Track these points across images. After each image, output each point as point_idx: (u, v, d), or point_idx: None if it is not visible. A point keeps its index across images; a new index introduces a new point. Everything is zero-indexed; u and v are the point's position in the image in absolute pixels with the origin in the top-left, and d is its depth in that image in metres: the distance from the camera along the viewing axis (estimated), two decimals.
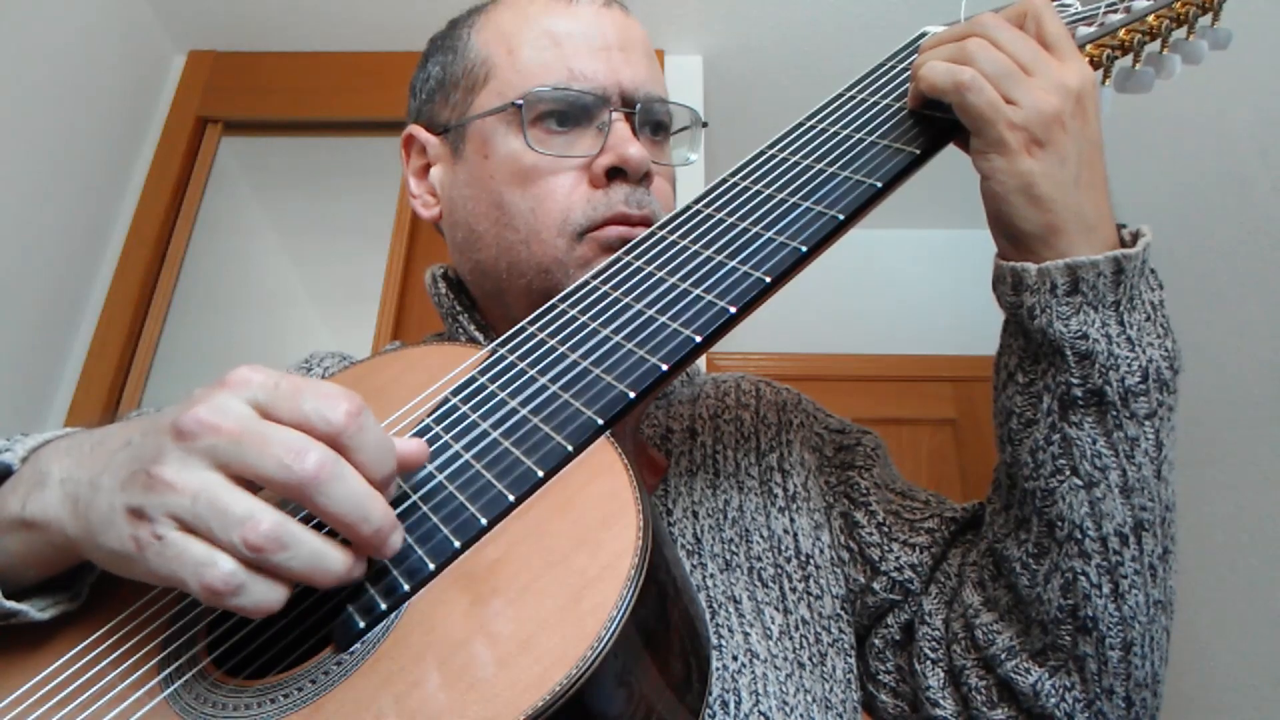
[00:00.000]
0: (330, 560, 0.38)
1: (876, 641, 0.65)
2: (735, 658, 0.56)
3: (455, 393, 0.50)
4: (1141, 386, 0.51)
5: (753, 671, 0.55)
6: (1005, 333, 0.56)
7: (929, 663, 0.61)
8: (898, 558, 0.64)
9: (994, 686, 0.58)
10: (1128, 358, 0.51)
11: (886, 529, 0.65)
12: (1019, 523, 0.56)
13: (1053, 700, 0.54)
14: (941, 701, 0.60)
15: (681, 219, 0.56)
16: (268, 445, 0.37)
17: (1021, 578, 0.55)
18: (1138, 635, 0.53)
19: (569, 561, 0.39)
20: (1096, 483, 0.52)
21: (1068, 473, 0.52)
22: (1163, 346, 0.52)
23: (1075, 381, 0.51)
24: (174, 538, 0.37)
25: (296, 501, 0.38)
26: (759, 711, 0.54)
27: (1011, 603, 0.57)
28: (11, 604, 0.43)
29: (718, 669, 0.55)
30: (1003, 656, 0.56)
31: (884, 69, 0.62)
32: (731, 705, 0.54)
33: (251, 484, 0.38)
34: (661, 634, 0.40)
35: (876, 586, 0.64)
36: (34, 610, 0.43)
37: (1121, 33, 0.57)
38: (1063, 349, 0.51)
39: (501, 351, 0.52)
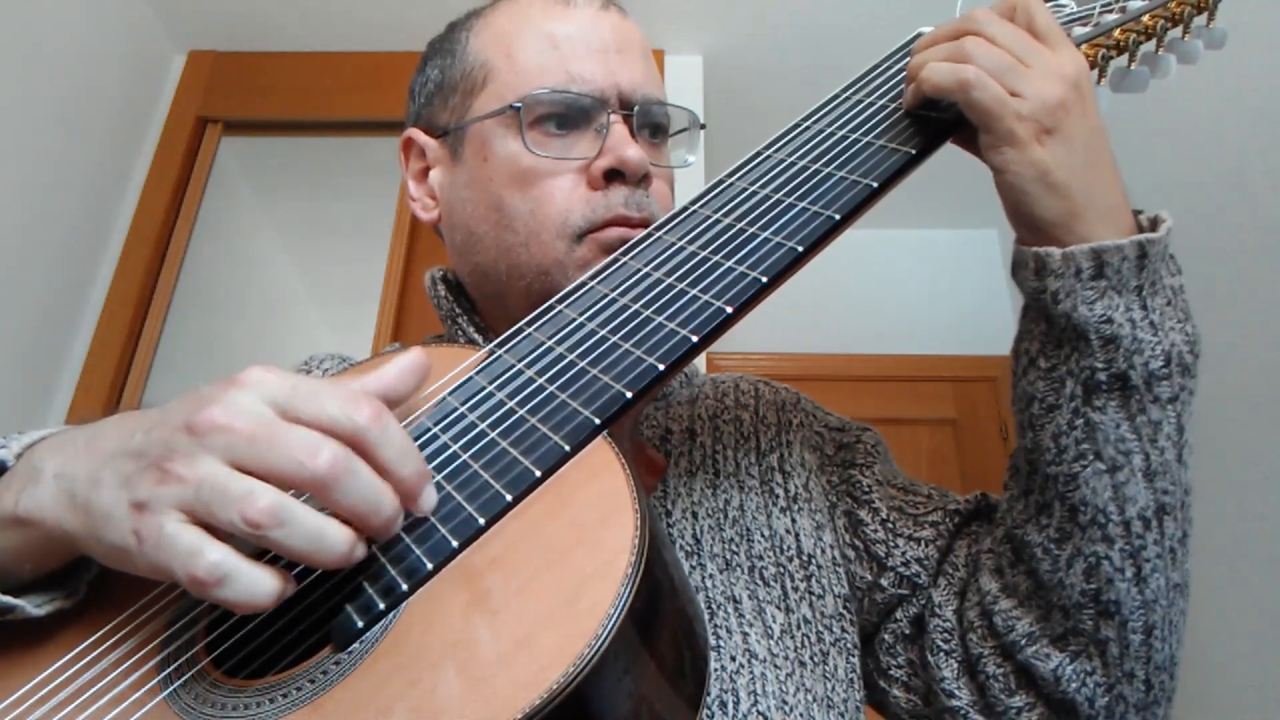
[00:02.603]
0: (331, 538, 0.38)
1: (886, 637, 0.65)
2: (733, 658, 0.56)
3: (453, 393, 0.50)
4: (1164, 370, 0.51)
5: (751, 672, 0.56)
6: (1025, 319, 0.56)
7: (942, 654, 0.61)
8: (904, 553, 0.64)
9: (1012, 674, 0.58)
10: (1151, 342, 0.51)
11: (891, 525, 0.65)
12: (1040, 508, 0.56)
13: (1074, 685, 0.55)
14: (957, 692, 0.60)
15: (678, 220, 0.56)
16: (282, 443, 0.37)
17: (1043, 563, 0.55)
18: (1159, 618, 0.53)
19: (566, 560, 0.39)
20: (1120, 467, 0.52)
21: (1091, 457, 0.52)
22: (1183, 331, 0.52)
23: (1099, 366, 0.51)
24: (170, 529, 0.37)
25: (312, 496, 0.38)
26: (757, 711, 0.54)
27: (1031, 588, 0.57)
28: (7, 599, 0.43)
29: (716, 670, 0.55)
30: (1022, 642, 0.56)
31: (880, 70, 0.62)
32: (730, 705, 0.54)
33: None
34: (659, 632, 0.40)
35: (884, 582, 0.64)
36: (30, 606, 0.43)
37: (1117, 32, 0.57)
38: (1087, 333, 0.51)
39: (499, 352, 0.52)
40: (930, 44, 0.56)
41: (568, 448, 0.44)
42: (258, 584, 0.37)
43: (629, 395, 0.46)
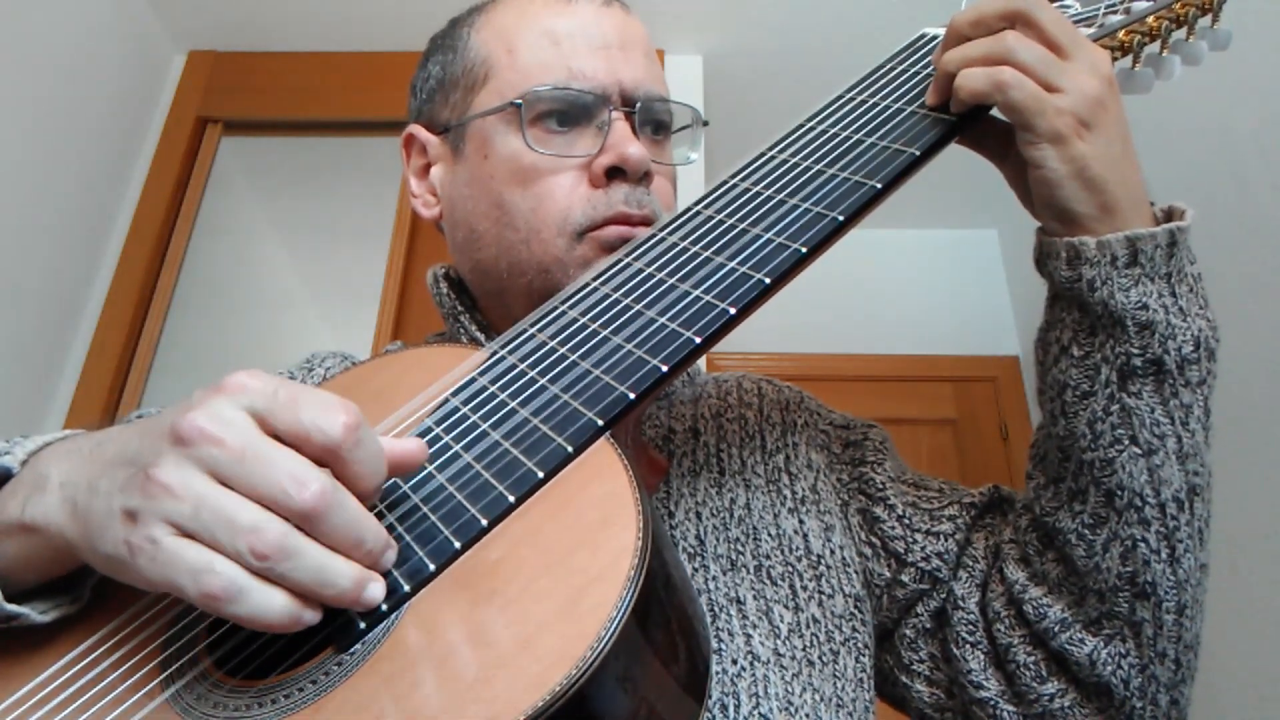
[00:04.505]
0: (335, 573, 0.37)
1: (907, 632, 0.65)
2: (735, 661, 0.56)
3: (456, 394, 0.50)
4: (1194, 355, 0.53)
5: (753, 674, 0.55)
6: (1054, 308, 0.57)
7: (967, 646, 0.61)
8: (923, 548, 0.65)
9: (1043, 661, 0.58)
10: (1182, 327, 0.52)
11: (907, 521, 0.66)
12: (1073, 494, 0.56)
13: (1109, 668, 0.55)
14: (985, 683, 0.60)
15: (681, 220, 0.56)
16: (270, 469, 0.37)
17: (1077, 548, 0.56)
18: (1189, 598, 0.55)
19: (569, 562, 0.39)
20: (1155, 450, 0.53)
21: (1127, 442, 0.53)
22: (1205, 316, 0.54)
23: (1135, 352, 0.52)
24: (169, 543, 0.36)
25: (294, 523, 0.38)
26: (759, 714, 0.54)
27: (1062, 575, 0.57)
28: (12, 607, 0.43)
29: (717, 673, 0.55)
30: (1055, 629, 0.57)
31: (884, 70, 0.62)
32: (731, 709, 0.54)
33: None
34: (662, 634, 0.40)
35: (905, 578, 0.65)
36: (35, 613, 0.43)
37: (1121, 34, 0.57)
38: (1124, 320, 0.52)
39: (501, 353, 0.52)
40: (966, 33, 0.54)
41: (570, 449, 0.44)
42: (271, 601, 0.37)
43: (631, 396, 0.46)
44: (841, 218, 0.52)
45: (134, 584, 0.39)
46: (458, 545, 0.41)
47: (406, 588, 0.40)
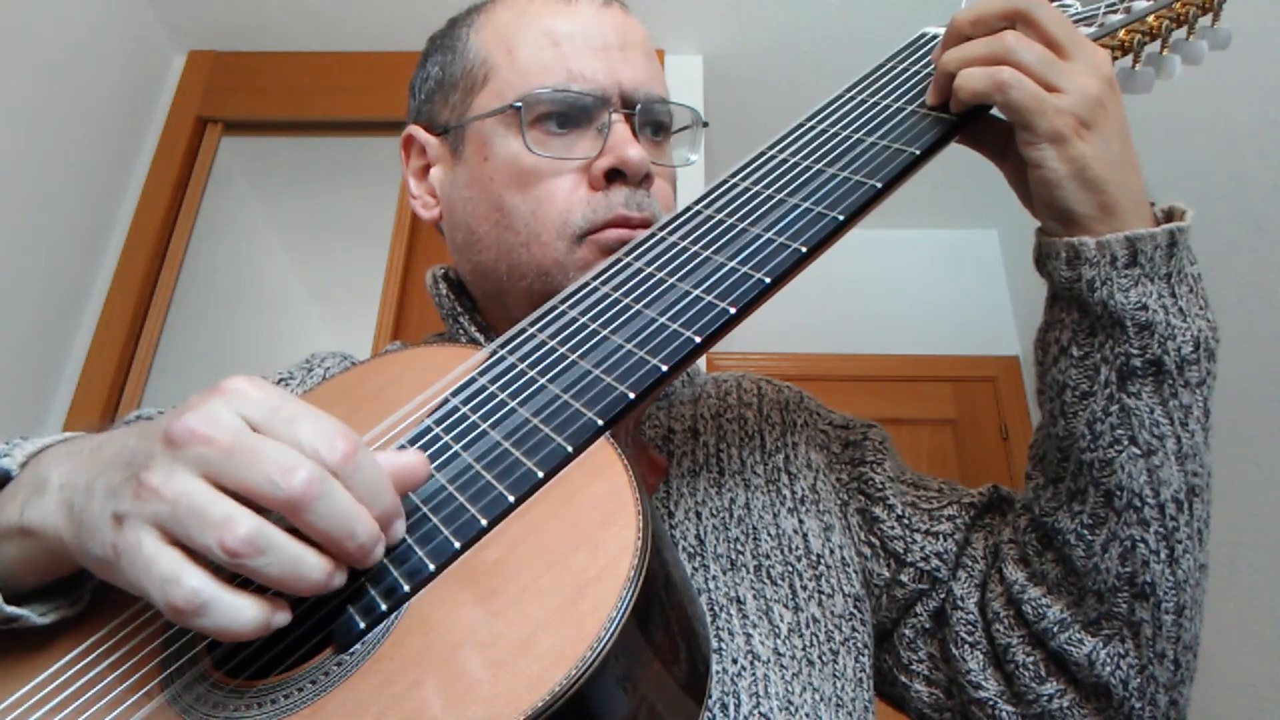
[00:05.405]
0: (309, 567, 0.37)
1: (906, 632, 0.65)
2: (735, 660, 0.56)
3: (455, 394, 0.50)
4: (1194, 355, 0.53)
5: (754, 674, 0.55)
6: (1053, 309, 0.56)
7: (966, 646, 0.61)
8: (923, 548, 0.65)
9: (1042, 661, 0.58)
10: (1181, 327, 0.52)
11: (907, 521, 0.66)
12: (1072, 495, 0.56)
13: (1108, 669, 0.55)
14: (984, 683, 0.60)
15: (681, 220, 0.56)
16: (257, 460, 0.36)
17: (1076, 549, 0.56)
18: (1188, 598, 0.55)
19: (568, 562, 0.39)
20: (1155, 451, 0.53)
21: (1126, 442, 0.53)
22: (1205, 317, 0.54)
23: (1135, 352, 0.52)
24: (149, 548, 0.36)
25: (285, 517, 0.37)
26: (759, 713, 0.54)
27: (1061, 575, 0.57)
28: (12, 609, 0.43)
29: (717, 672, 0.55)
30: (1054, 629, 0.57)
31: (884, 69, 0.62)
32: (731, 708, 0.54)
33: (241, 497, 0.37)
34: (661, 634, 0.40)
35: (904, 578, 0.65)
36: (34, 615, 0.43)
37: (1121, 33, 0.57)
38: (1123, 320, 0.52)
39: (501, 352, 0.52)
40: (966, 32, 0.55)
41: (570, 449, 0.44)
42: (238, 613, 0.36)
43: (631, 396, 0.46)
44: (842, 217, 0.52)
45: (123, 587, 0.38)
46: (457, 545, 0.41)
47: (406, 588, 0.40)
